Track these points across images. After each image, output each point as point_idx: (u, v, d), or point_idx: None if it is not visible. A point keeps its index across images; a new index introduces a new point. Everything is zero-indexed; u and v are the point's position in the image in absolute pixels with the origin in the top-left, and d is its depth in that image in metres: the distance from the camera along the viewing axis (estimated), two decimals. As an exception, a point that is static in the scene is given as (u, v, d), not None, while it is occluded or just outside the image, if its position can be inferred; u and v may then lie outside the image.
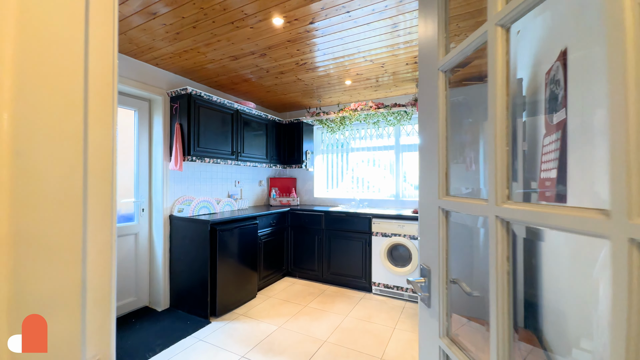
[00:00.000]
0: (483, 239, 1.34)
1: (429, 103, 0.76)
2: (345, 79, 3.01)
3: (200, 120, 2.77)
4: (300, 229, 3.57)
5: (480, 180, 1.40)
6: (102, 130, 0.46)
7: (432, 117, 0.73)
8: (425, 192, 0.78)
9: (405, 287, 2.93)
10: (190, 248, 2.63)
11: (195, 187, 3.07)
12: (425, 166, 0.78)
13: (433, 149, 0.73)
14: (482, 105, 1.29)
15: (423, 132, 0.80)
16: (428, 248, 0.76)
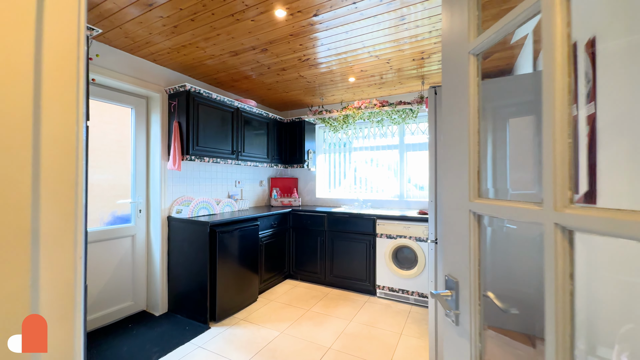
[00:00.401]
0: (513, 244, 1.24)
1: (455, 92, 0.67)
2: (348, 76, 2.92)
3: (200, 118, 2.68)
4: (302, 231, 3.48)
5: (507, 180, 1.30)
6: (61, 121, 0.36)
7: (460, 108, 0.64)
8: (451, 194, 0.69)
9: (411, 290, 2.84)
10: (189, 250, 2.54)
11: (194, 188, 2.98)
12: (450, 164, 0.69)
13: (461, 145, 0.64)
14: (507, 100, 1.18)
15: (447, 126, 0.71)
16: (454, 257, 0.67)
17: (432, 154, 1.68)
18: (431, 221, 1.68)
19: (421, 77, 2.95)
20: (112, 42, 2.23)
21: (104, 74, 2.23)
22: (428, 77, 2.94)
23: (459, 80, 0.64)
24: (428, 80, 3.03)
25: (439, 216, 1.65)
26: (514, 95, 1.47)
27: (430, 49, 2.30)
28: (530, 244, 1.17)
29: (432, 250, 1.68)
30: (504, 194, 1.37)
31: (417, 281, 2.81)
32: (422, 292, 2.78)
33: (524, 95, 1.44)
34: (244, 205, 3.45)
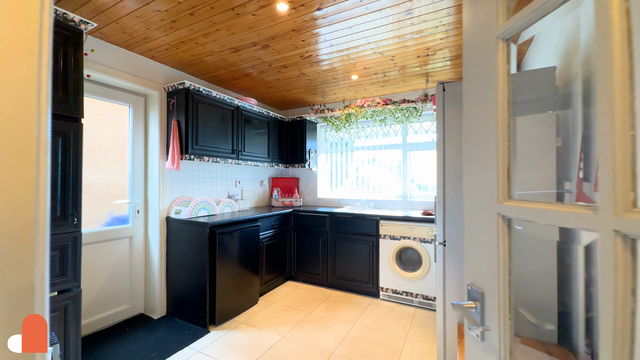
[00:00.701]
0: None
1: (479, 83, 0.60)
2: (351, 74, 2.86)
3: (199, 116, 2.61)
4: (303, 231, 3.42)
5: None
6: (11, 112, 0.29)
7: (486, 100, 0.58)
8: (474, 195, 0.62)
9: (415, 292, 2.78)
10: (188, 252, 2.47)
11: (193, 188, 2.92)
12: (472, 163, 0.63)
13: (486, 141, 0.58)
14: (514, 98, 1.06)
15: (469, 121, 0.65)
16: (478, 264, 0.61)
17: (440, 153, 1.62)
18: (439, 223, 1.62)
19: (425, 75, 2.89)
20: (109, 38, 2.16)
21: (100, 71, 2.17)
22: (432, 74, 2.88)
23: (484, 69, 0.58)
24: (432, 78, 2.97)
25: (448, 217, 1.58)
26: (521, 92, 1.40)
27: (436, 45, 2.24)
28: (547, 247, 1.11)
29: (440, 252, 1.61)
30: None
31: (421, 283, 2.75)
32: (427, 295, 2.72)
33: (531, 93, 1.38)
34: (244, 205, 3.38)
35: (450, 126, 1.58)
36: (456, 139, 1.56)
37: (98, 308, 2.31)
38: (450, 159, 1.58)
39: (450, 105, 1.58)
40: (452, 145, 1.57)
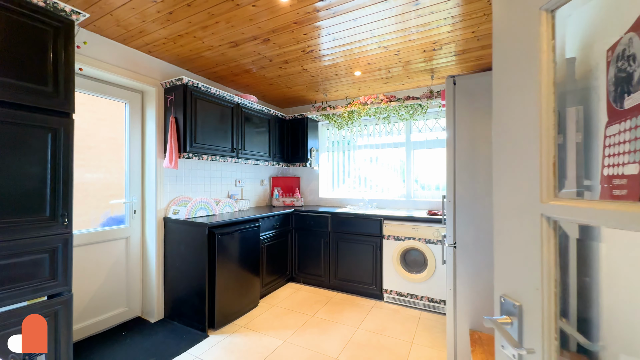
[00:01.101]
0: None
1: (514, 66, 0.52)
2: (354, 70, 2.77)
3: (198, 113, 2.53)
4: (305, 232, 3.34)
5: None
6: None
7: (523, 85, 0.50)
8: (508, 194, 0.54)
9: (420, 295, 2.70)
10: (187, 253, 2.39)
11: (192, 187, 2.84)
12: (505, 158, 0.55)
13: (525, 133, 0.50)
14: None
15: (502, 111, 0.56)
16: (514, 273, 0.53)
17: (451, 151, 1.54)
18: (449, 223, 1.54)
19: (430, 71, 2.80)
20: (104, 31, 2.08)
21: (95, 66, 2.09)
22: (437, 70, 2.80)
23: (522, 48, 0.50)
24: (438, 74, 2.88)
25: (459, 218, 1.50)
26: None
27: (443, 39, 2.16)
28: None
29: (450, 255, 1.53)
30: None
31: (427, 285, 2.67)
32: (433, 297, 2.64)
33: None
34: (244, 205, 3.30)
35: (461, 122, 1.50)
36: (468, 136, 1.48)
37: (93, 311, 2.23)
38: (461, 157, 1.50)
39: (461, 100, 1.50)
40: (463, 142, 1.49)
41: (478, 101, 1.45)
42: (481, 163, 1.44)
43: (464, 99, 1.49)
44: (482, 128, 1.44)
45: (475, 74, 1.46)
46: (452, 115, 1.53)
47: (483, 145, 1.44)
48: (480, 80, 1.45)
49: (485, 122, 1.43)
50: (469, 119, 1.48)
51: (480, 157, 1.45)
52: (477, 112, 1.45)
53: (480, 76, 1.45)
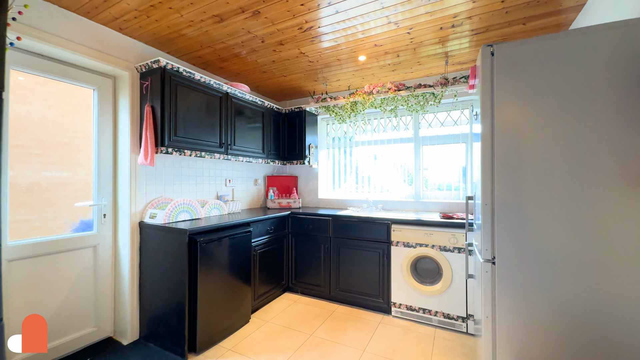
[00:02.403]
0: None
1: None
2: (359, 53, 2.44)
3: (179, 102, 2.19)
4: (303, 237, 3.01)
5: None
6: None
7: None
8: None
9: (434, 310, 2.37)
10: (165, 264, 2.05)
11: (174, 187, 2.50)
12: None
13: None
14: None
15: None
16: None
17: (488, 142, 1.21)
18: (485, 232, 1.21)
19: (444, 55, 2.47)
20: (62, 2, 1.74)
21: (54, 43, 1.75)
22: (452, 55, 2.47)
23: None
24: (453, 60, 2.55)
25: (500, 226, 1.17)
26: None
27: (465, 10, 1.82)
28: None
29: (487, 273, 1.20)
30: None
31: (441, 299, 2.34)
32: (449, 313, 2.31)
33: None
34: (235, 207, 2.96)
35: (503, 106, 1.17)
36: (513, 123, 1.15)
37: (54, 333, 1.89)
38: (503, 150, 1.17)
39: (504, 76, 1.17)
40: (506, 132, 1.16)
41: (529, 78, 1.12)
42: (532, 158, 1.11)
43: (508, 76, 1.16)
44: (535, 113, 1.11)
45: (526, 40, 1.12)
46: (489, 98, 1.20)
47: (536, 134, 1.11)
48: (535, 49, 1.11)
49: (540, 105, 1.10)
50: (515, 101, 1.15)
51: (531, 151, 1.11)
52: (528, 92, 1.12)
53: (535, 42, 1.11)
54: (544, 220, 1.10)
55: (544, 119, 1.10)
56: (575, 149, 1.05)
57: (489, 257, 1.20)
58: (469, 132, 2.90)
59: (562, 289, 1.06)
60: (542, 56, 1.09)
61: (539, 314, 1.10)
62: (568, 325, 1.06)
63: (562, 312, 1.07)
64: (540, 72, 1.10)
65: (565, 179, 1.06)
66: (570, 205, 1.05)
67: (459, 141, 2.95)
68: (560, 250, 1.07)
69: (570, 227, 1.05)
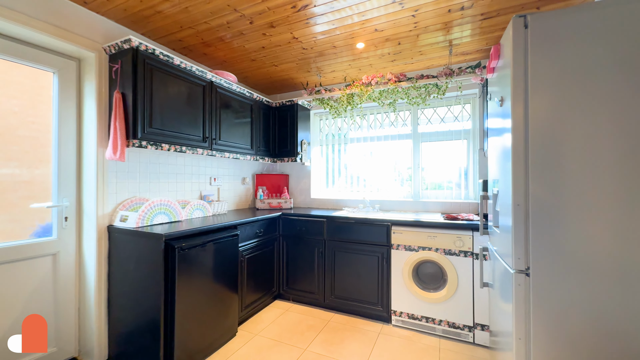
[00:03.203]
0: None
1: None
2: (357, 40, 2.24)
3: (155, 90, 1.93)
4: (295, 240, 2.78)
5: None
6: None
7: None
8: None
9: (438, 318, 2.19)
10: (137, 274, 1.79)
11: (151, 186, 2.22)
12: None
13: None
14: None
15: None
16: None
17: (521, 133, 1.02)
18: (517, 238, 1.02)
19: (448, 44, 2.30)
20: (8, -37, 1.46)
21: (5, 16, 1.46)
22: (456, 45, 2.30)
23: None
24: (457, 50, 2.39)
25: (536, 231, 0.98)
26: None
27: (478, -9, 1.65)
28: None
29: (520, 286, 1.01)
30: None
31: (447, 307, 2.16)
32: (454, 322, 2.14)
33: None
34: (221, 208, 2.71)
35: (539, 90, 0.98)
36: (552, 110, 0.96)
37: (5, 357, 1.59)
38: (540, 142, 0.98)
39: (540, 53, 0.98)
40: (543, 121, 0.98)
41: (574, 54, 0.94)
42: (576, 151, 0.93)
43: (546, 52, 0.98)
44: (580, 97, 0.93)
45: (569, 9, 0.94)
46: (522, 80, 1.01)
47: (582, 122, 0.93)
48: (581, 19, 0.93)
49: (587, 87, 0.92)
50: (555, 83, 0.96)
51: (575, 142, 0.93)
52: (572, 71, 0.94)
53: (581, 12, 0.93)
54: (589, 225, 0.92)
55: (591, 103, 0.92)
56: (631, 141, 0.87)
57: (522, 268, 1.01)
58: (470, 127, 2.75)
59: (610, 308, 0.89)
60: (589, 28, 0.91)
61: (583, 335, 0.92)
62: (617, 350, 0.88)
63: (611, 334, 0.89)
64: (588, 47, 0.92)
65: (617, 177, 0.89)
66: (623, 208, 0.88)
67: (460, 138, 2.80)
68: (609, 261, 0.90)
69: (623, 234, 0.88)
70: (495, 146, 1.34)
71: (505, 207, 1.11)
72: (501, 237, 1.21)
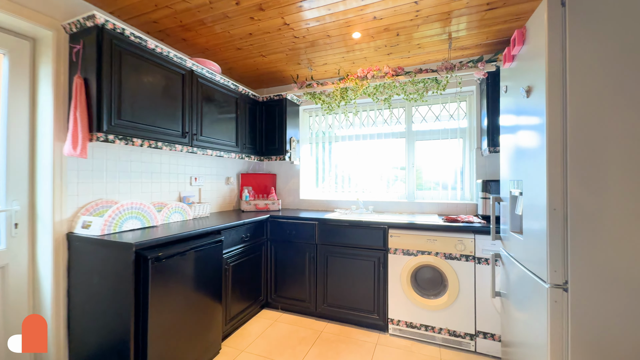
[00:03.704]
0: None
1: None
2: (353, 28, 2.07)
3: (124, 75, 1.68)
4: (284, 244, 2.58)
5: None
6: None
7: None
8: None
9: (438, 327, 2.07)
10: (102, 289, 1.54)
11: (121, 186, 1.96)
12: None
13: None
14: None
15: None
16: None
17: (557, 129, 0.89)
18: (555, 248, 0.89)
19: (448, 37, 2.18)
20: None
21: None
22: (457, 38, 2.19)
23: None
24: (456, 45, 2.28)
25: (575, 240, 0.85)
26: None
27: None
28: None
29: (557, 303, 0.88)
30: None
31: (447, 314, 2.04)
32: (455, 330, 2.02)
33: None
34: (202, 210, 2.47)
35: (578, 77, 0.85)
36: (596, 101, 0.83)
37: None
38: (581, 135, 0.85)
39: (583, 31, 0.85)
40: (587, 112, 0.84)
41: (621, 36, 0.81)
42: (623, 149, 0.80)
43: (585, 33, 0.84)
44: (629, 87, 0.80)
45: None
46: (559, 67, 0.88)
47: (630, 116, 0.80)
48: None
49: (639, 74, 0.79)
50: (597, 70, 0.83)
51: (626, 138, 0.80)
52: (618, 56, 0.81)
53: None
54: (635, 233, 0.79)
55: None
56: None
57: (559, 282, 0.88)
58: (467, 126, 2.66)
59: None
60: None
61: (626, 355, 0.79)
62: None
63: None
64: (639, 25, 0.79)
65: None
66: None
67: (456, 136, 2.70)
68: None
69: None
70: (514, 144, 1.21)
71: (536, 211, 0.97)
72: (526, 244, 1.08)
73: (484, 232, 1.95)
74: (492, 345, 1.92)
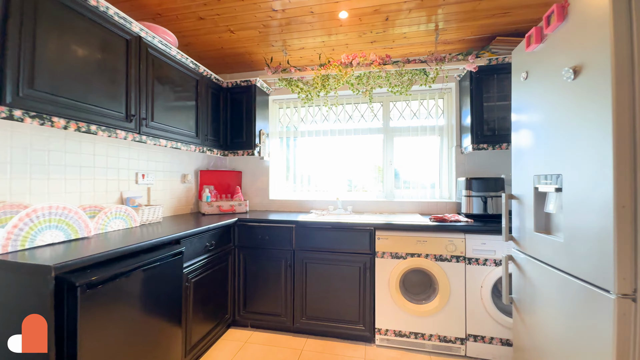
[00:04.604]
0: None
1: None
2: (341, 5, 1.84)
3: (40, 30, 1.20)
4: (255, 251, 2.24)
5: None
6: None
7: None
8: None
9: (427, 333, 1.94)
10: (7, 330, 1.05)
11: (33, 184, 1.44)
12: None
13: None
14: None
15: None
16: None
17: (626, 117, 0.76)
18: (623, 251, 0.75)
19: (435, 28, 2.09)
20: None
21: None
22: (444, 29, 2.10)
23: None
24: (440, 38, 2.19)
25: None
26: None
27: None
28: None
29: (624, 316, 0.75)
30: None
31: (437, 320, 1.93)
32: (446, 335, 1.92)
33: None
34: (153, 214, 2.00)
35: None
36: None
37: None
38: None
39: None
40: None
41: None
42: None
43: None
44: None
45: None
46: (627, 40, 0.75)
47: None
48: None
49: None
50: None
51: None
52: None
53: None
54: None
55: None
56: None
57: (627, 291, 0.75)
58: (444, 124, 2.63)
59: None
60: None
61: None
62: None
63: None
64: None
65: None
66: None
67: (434, 134, 2.65)
68: None
69: None
70: (547, 136, 1.09)
71: (591, 209, 0.84)
72: (571, 247, 0.95)
73: (475, 232, 1.88)
74: (482, 348, 1.86)
